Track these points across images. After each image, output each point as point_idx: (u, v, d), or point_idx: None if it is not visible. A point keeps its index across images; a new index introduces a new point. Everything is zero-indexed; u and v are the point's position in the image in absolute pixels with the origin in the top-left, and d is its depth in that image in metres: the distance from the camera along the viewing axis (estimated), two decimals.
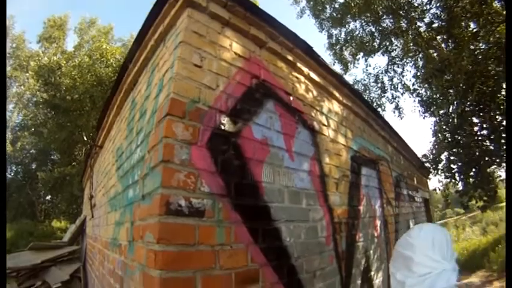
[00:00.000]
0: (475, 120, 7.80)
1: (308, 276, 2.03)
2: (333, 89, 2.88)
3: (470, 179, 7.65)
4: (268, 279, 1.70)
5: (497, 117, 7.41)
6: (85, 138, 10.78)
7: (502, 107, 7.25)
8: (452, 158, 7.90)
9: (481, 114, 7.70)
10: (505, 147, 7.06)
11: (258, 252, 1.66)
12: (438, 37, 9.36)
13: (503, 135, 7.11)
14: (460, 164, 7.69)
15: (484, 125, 7.65)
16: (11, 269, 5.25)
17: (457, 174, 7.84)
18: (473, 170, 7.55)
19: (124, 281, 2.01)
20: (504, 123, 7.02)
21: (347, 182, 2.80)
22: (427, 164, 8.59)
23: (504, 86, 7.26)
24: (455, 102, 7.64)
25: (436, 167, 8.45)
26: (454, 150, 7.80)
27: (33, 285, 5.17)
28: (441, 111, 8.50)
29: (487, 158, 7.30)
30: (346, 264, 2.55)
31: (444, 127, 8.14)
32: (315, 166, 2.35)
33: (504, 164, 7.24)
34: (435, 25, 8.83)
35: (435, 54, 9.33)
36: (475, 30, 7.66)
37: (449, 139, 7.87)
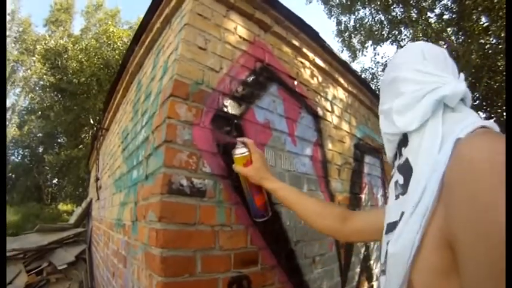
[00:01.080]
0: (481, 114, 7.72)
1: (307, 261, 2.06)
2: (338, 76, 2.86)
3: None
4: (267, 262, 1.73)
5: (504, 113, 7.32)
6: (92, 121, 10.89)
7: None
8: None
9: (488, 109, 7.61)
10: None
11: (257, 235, 1.69)
12: (448, 29, 9.19)
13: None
14: None
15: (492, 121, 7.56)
16: (18, 250, 5.38)
17: None
18: None
19: (127, 261, 2.06)
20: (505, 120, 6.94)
21: (349, 169, 2.81)
22: None
23: None
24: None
25: None
26: None
27: (39, 266, 5.30)
28: None
29: None
30: (345, 251, 2.58)
31: None
32: (318, 151, 2.35)
33: None
34: (446, 17, 8.67)
35: (445, 46, 9.18)
36: (486, 24, 7.50)
37: None
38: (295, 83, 2.27)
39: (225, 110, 1.68)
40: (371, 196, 3.20)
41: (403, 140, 0.73)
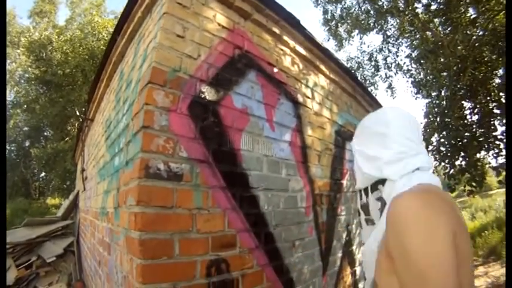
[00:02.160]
0: (465, 104, 7.84)
1: (287, 245, 2.11)
2: (319, 63, 2.90)
3: (457, 162, 7.74)
4: (245, 245, 1.77)
5: (489, 104, 7.44)
6: (77, 113, 10.75)
7: (493, 93, 7.27)
8: (441, 140, 7.97)
9: (472, 99, 7.73)
10: (493, 133, 7.15)
11: (235, 218, 1.73)
12: (436, 20, 9.26)
13: (493, 121, 7.18)
14: (448, 146, 7.76)
15: (475, 110, 7.70)
16: (7, 244, 5.33)
17: (445, 157, 7.92)
18: (461, 153, 7.63)
19: (111, 248, 2.09)
20: (495, 110, 7.07)
21: (330, 155, 2.86)
22: None
23: (496, 73, 7.28)
24: (447, 85, 7.64)
25: (426, 149, 8.50)
26: (443, 132, 7.87)
27: (28, 260, 5.27)
28: (433, 94, 8.52)
29: (475, 143, 7.37)
30: (326, 236, 2.63)
31: (436, 109, 8.17)
32: (297, 137, 2.40)
33: (492, 152, 7.34)
34: (433, 7, 8.72)
35: (431, 37, 9.26)
36: (473, 16, 7.57)
37: (439, 121, 7.92)
38: (275, 69, 2.30)
39: (202, 96, 1.71)
40: (352, 182, 3.26)
41: (381, 181, 0.97)
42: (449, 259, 0.67)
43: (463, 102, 7.76)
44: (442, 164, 8.20)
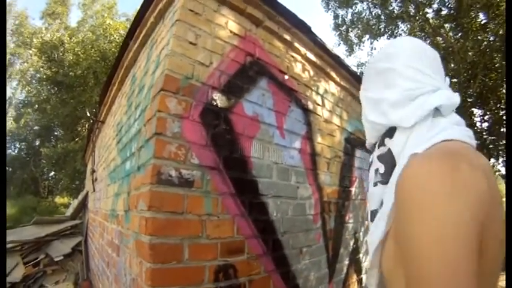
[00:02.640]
0: (475, 111, 7.77)
1: (294, 252, 2.11)
2: (330, 70, 2.90)
3: None
4: (253, 251, 1.79)
5: (499, 111, 7.35)
6: (88, 114, 10.84)
7: (502, 101, 7.19)
8: None
9: (483, 106, 7.66)
10: (503, 141, 7.05)
11: (244, 225, 1.75)
12: (446, 25, 9.20)
13: (502, 130, 7.09)
14: None
15: (485, 118, 7.63)
16: (15, 242, 5.42)
17: None
18: None
19: (120, 250, 2.12)
20: (505, 117, 6.98)
21: (339, 162, 2.86)
22: None
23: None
24: (457, 92, 7.58)
25: None
26: None
27: (36, 258, 5.34)
28: None
29: (485, 150, 7.29)
30: (333, 243, 2.63)
31: None
32: (306, 144, 2.40)
33: (502, 159, 7.25)
34: (444, 12, 8.67)
35: (442, 42, 9.20)
36: (484, 21, 7.51)
37: None
38: (286, 77, 2.31)
39: (214, 103, 1.73)
40: (361, 190, 3.25)
41: (389, 131, 0.75)
42: (466, 267, 0.46)
43: (473, 109, 7.68)
44: None
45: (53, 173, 19.43)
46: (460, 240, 0.48)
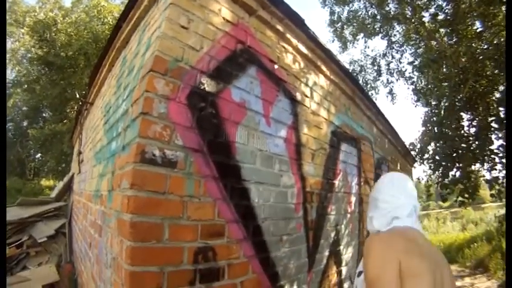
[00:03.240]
0: (464, 115, 7.88)
1: (274, 239, 2.15)
2: (320, 63, 2.93)
3: (451, 173, 7.82)
4: (233, 235, 1.81)
5: (487, 117, 7.47)
6: (77, 96, 10.71)
7: (492, 107, 7.32)
8: (437, 149, 8.04)
9: (470, 111, 7.78)
10: (489, 147, 7.20)
11: (225, 208, 1.77)
12: (441, 30, 9.28)
13: (490, 135, 7.23)
14: (443, 155, 7.82)
15: (473, 123, 7.75)
16: None
17: (440, 166, 7.98)
18: (456, 164, 7.69)
19: (102, 230, 2.13)
20: (493, 124, 7.11)
21: (324, 154, 2.90)
22: (413, 153, 8.76)
23: (497, 88, 7.32)
24: (447, 95, 7.69)
25: (421, 157, 8.59)
26: (440, 142, 7.93)
27: (19, 239, 5.29)
28: (433, 103, 8.59)
29: (470, 155, 7.43)
30: (314, 233, 2.67)
31: (434, 118, 8.23)
32: (292, 134, 2.44)
33: (487, 165, 7.41)
34: (440, 17, 8.74)
35: (436, 46, 9.30)
36: (479, 29, 7.61)
37: (436, 130, 7.98)
38: (276, 66, 2.33)
39: (202, 87, 1.74)
40: (345, 183, 3.31)
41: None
42: (388, 278, 1.00)
43: (461, 113, 7.81)
44: (436, 173, 8.27)
45: (39, 154, 19.17)
46: (387, 267, 1.02)
